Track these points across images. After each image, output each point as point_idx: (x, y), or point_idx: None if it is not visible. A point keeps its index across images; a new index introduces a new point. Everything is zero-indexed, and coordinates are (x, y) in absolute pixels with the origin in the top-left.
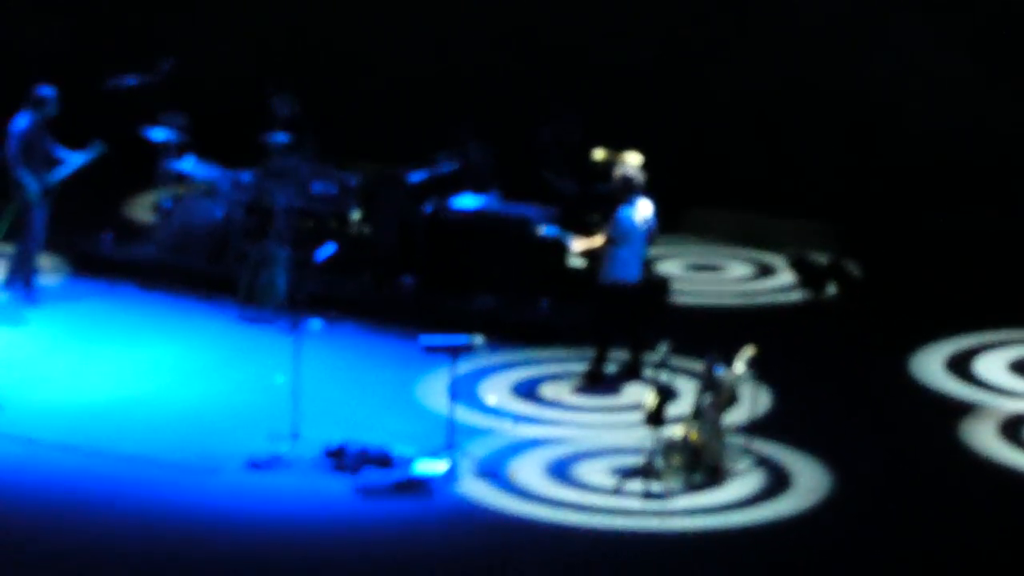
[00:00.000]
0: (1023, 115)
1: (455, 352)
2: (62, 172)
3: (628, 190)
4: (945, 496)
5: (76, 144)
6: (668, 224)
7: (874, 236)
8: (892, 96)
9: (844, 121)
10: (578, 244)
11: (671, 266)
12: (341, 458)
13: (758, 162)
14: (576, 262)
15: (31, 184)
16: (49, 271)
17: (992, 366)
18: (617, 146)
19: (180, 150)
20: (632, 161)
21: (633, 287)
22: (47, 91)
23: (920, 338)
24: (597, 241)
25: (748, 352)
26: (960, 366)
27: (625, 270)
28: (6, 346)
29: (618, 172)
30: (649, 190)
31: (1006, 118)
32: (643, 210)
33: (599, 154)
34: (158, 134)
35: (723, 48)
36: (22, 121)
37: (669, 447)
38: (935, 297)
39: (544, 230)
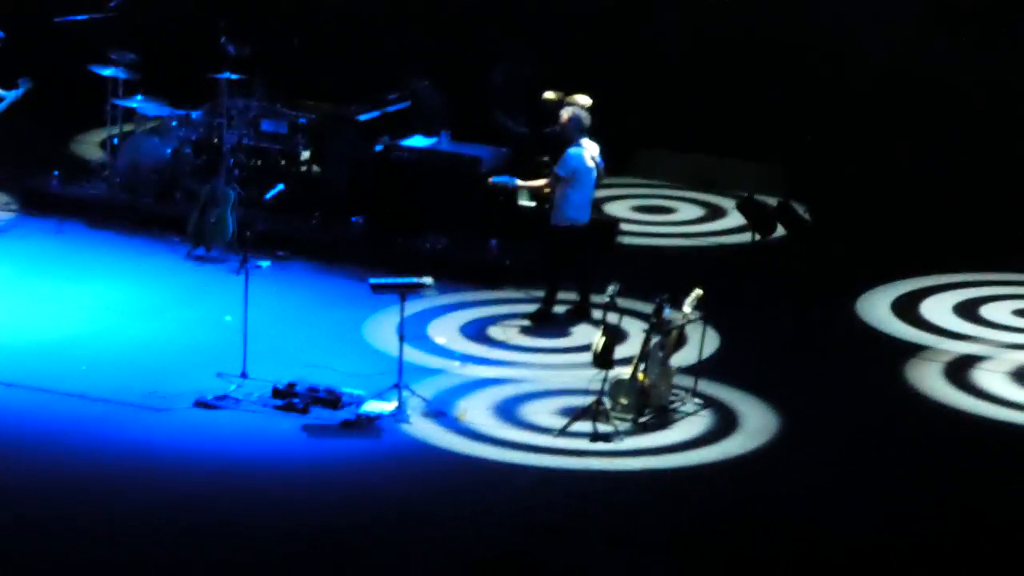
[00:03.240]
0: (972, 61)
1: (404, 292)
2: None
3: (576, 131)
4: (891, 437)
5: (9, 82)
6: (617, 166)
7: (823, 179)
8: (841, 40)
9: (794, 66)
10: (527, 185)
11: (620, 207)
12: (289, 397)
13: (708, 106)
14: (526, 203)
15: None
16: None
17: (937, 309)
18: (568, 88)
19: (129, 88)
20: (581, 102)
21: (583, 228)
22: None
23: (867, 281)
24: (544, 182)
25: (696, 294)
26: (906, 308)
27: (575, 211)
28: None
29: (566, 113)
30: (598, 132)
31: (956, 65)
32: (591, 151)
33: (549, 95)
34: (107, 71)
35: None
36: None
37: (617, 388)
38: (882, 241)
39: (493, 179)
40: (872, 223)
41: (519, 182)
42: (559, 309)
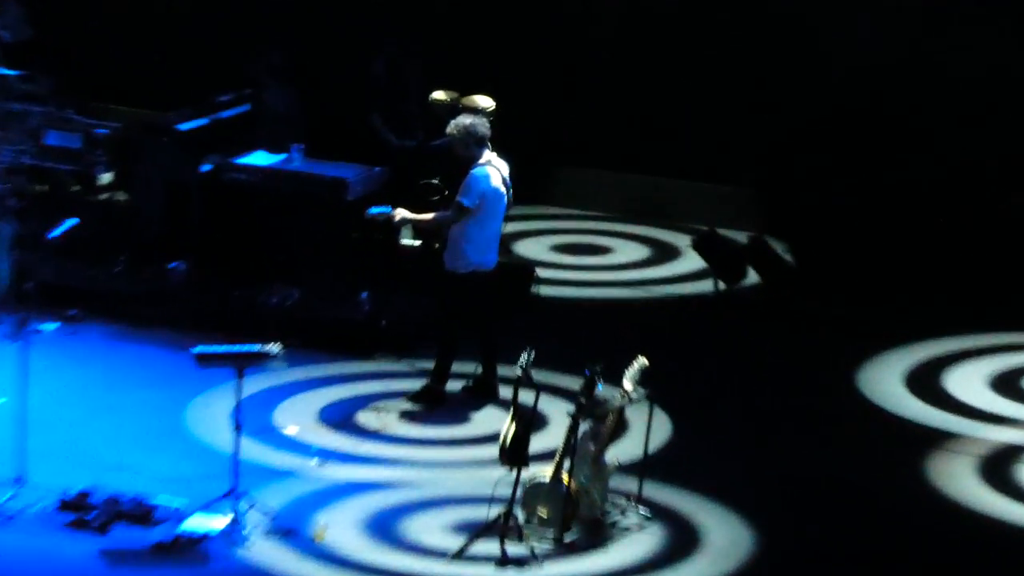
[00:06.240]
0: (977, 49)
1: (242, 364)
2: None
3: (473, 146)
4: (908, 558)
5: None
6: (531, 191)
7: (806, 206)
8: (817, 30)
9: (757, 60)
10: (412, 218)
11: (536, 247)
12: (83, 510)
13: (650, 111)
14: (409, 241)
15: None
16: None
17: (968, 382)
18: (464, 87)
19: None
20: (480, 105)
21: (487, 275)
22: None
23: (872, 343)
24: (432, 216)
25: (640, 364)
26: (925, 381)
27: (478, 253)
28: None
29: (457, 123)
30: (503, 146)
31: (955, 54)
32: (500, 172)
33: (439, 96)
34: None
35: None
36: None
37: (534, 493)
38: (890, 288)
39: (369, 211)
40: (875, 264)
41: (401, 214)
42: (454, 386)
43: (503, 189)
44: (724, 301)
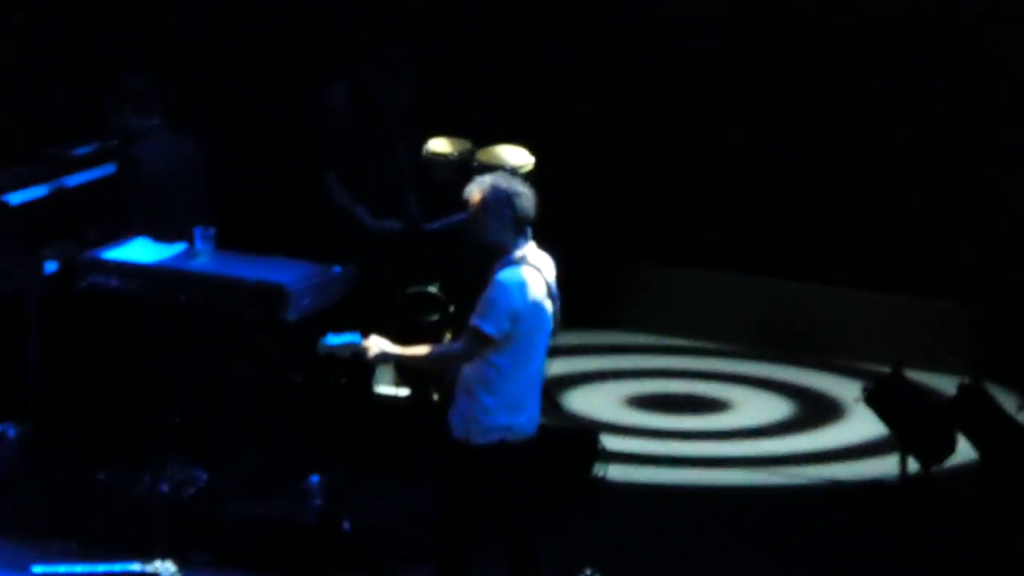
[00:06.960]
0: None
1: None
2: None
3: (508, 227)
4: None
5: None
6: (597, 307)
7: None
8: None
9: (965, 102)
10: (397, 354)
11: (603, 400)
12: None
13: (789, 179)
14: (389, 389)
15: None
16: None
17: None
18: (483, 134)
19: None
20: (511, 162)
21: (523, 446)
22: None
23: None
24: (430, 350)
25: None
26: None
27: (510, 410)
28: None
29: (492, 184)
30: (547, 232)
31: None
32: (543, 273)
33: (439, 148)
34: None
35: None
36: None
37: None
38: None
39: (327, 339)
40: None
41: (378, 345)
42: None
43: (548, 304)
44: (917, 489)
